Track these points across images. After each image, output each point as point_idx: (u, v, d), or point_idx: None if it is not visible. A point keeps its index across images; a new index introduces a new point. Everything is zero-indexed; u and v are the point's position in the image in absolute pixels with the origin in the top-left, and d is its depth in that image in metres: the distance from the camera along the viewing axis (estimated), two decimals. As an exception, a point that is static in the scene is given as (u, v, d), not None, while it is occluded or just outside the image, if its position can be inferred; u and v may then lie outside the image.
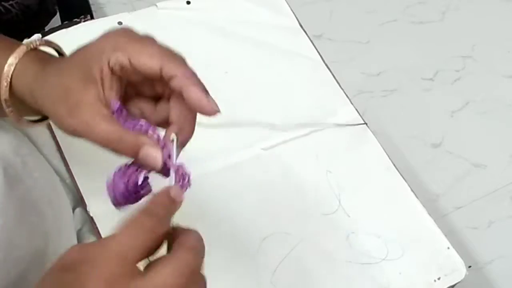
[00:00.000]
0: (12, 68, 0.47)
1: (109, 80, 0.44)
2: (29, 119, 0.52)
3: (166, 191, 0.41)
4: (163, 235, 0.39)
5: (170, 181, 0.43)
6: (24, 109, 0.50)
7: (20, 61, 0.48)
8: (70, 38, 0.79)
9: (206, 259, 0.42)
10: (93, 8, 1.23)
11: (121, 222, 0.38)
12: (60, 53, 0.54)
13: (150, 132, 0.44)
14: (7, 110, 0.49)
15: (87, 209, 0.65)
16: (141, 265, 0.38)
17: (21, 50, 0.48)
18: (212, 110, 0.43)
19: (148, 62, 0.43)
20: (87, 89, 0.43)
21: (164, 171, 0.44)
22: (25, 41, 0.49)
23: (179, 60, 0.44)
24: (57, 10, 1.10)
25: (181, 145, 0.45)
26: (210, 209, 0.68)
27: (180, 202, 0.42)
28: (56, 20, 1.12)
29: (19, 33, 0.85)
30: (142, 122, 0.44)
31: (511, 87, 1.58)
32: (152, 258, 0.39)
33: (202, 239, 0.41)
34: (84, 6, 1.17)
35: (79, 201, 0.67)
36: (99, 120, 0.43)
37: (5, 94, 0.48)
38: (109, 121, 0.43)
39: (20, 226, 0.52)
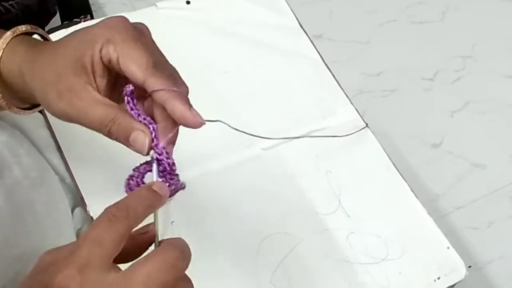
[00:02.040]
0: (0, 52, 0.47)
1: (100, 69, 0.43)
2: (19, 107, 0.52)
3: (148, 185, 0.41)
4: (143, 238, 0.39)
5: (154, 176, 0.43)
6: (13, 96, 0.50)
7: (8, 45, 0.48)
8: (70, 38, 0.79)
9: (207, 259, 0.42)
10: (93, 8, 1.23)
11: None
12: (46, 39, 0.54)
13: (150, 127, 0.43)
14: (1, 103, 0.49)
15: (87, 209, 0.65)
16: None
17: (8, 35, 0.48)
18: (196, 123, 0.42)
19: (134, 72, 0.42)
20: (78, 75, 0.43)
21: (165, 176, 0.44)
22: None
23: (165, 73, 0.43)
24: (57, 10, 1.10)
25: (170, 142, 0.44)
26: (210, 209, 0.68)
27: (165, 196, 0.41)
28: (56, 20, 1.12)
29: (19, 33, 0.85)
30: (147, 117, 0.44)
31: (511, 87, 1.58)
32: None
33: (189, 247, 0.40)
34: (84, 6, 1.17)
35: (78, 201, 0.67)
36: (92, 105, 0.43)
37: None
38: (103, 104, 0.43)
39: (16, 225, 0.52)
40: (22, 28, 0.49)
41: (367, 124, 0.77)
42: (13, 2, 0.99)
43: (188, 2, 0.83)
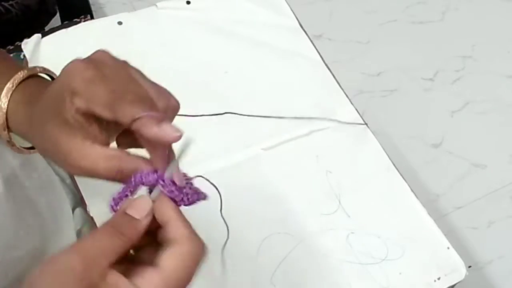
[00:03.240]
0: (5, 107, 0.47)
1: (85, 120, 0.42)
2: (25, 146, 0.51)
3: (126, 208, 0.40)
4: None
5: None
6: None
7: (11, 100, 0.47)
8: (70, 38, 0.79)
9: (206, 260, 0.42)
10: (93, 8, 1.23)
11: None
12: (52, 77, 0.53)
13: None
14: (6, 143, 0.49)
15: (88, 209, 0.65)
16: None
17: (8, 88, 0.47)
18: (172, 138, 0.41)
19: (102, 114, 0.41)
20: (72, 135, 0.42)
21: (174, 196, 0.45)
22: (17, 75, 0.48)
23: (129, 99, 0.42)
24: (57, 10, 1.10)
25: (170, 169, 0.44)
26: (210, 209, 0.68)
27: (146, 217, 0.41)
28: (56, 20, 1.12)
29: (19, 33, 0.85)
30: (139, 173, 0.43)
31: (511, 87, 1.58)
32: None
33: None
34: (84, 6, 1.17)
35: (79, 201, 0.67)
36: (95, 162, 0.42)
37: (1, 128, 0.47)
38: (105, 158, 0.43)
39: (18, 227, 0.52)
40: (20, 76, 0.48)
41: (366, 123, 0.77)
42: (13, 2, 0.99)
43: (188, 2, 0.83)
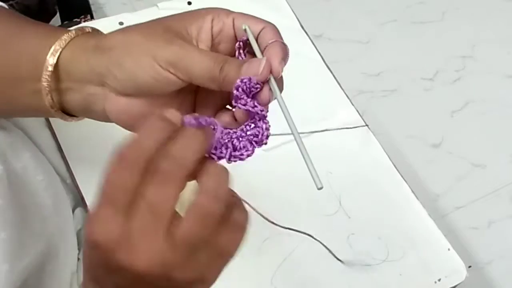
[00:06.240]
0: (64, 43, 0.45)
1: (208, 36, 0.45)
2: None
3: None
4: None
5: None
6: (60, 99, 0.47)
7: (75, 38, 0.46)
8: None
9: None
10: (93, 8, 1.23)
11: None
12: None
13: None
14: (47, 85, 0.46)
15: (88, 209, 0.65)
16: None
17: (73, 33, 0.47)
18: (277, 73, 0.46)
19: (254, 21, 0.46)
20: (184, 35, 0.44)
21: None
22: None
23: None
24: (57, 10, 1.10)
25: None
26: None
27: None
28: (56, 20, 1.12)
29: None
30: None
31: (511, 87, 1.58)
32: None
33: (224, 174, 0.40)
34: (84, 6, 1.17)
35: (79, 201, 0.67)
36: (202, 49, 0.44)
37: (50, 67, 0.45)
38: (209, 50, 0.44)
39: (24, 235, 0.50)
40: (88, 28, 0.48)
41: (367, 124, 0.77)
42: (13, 2, 0.99)
43: (189, 3, 0.83)
